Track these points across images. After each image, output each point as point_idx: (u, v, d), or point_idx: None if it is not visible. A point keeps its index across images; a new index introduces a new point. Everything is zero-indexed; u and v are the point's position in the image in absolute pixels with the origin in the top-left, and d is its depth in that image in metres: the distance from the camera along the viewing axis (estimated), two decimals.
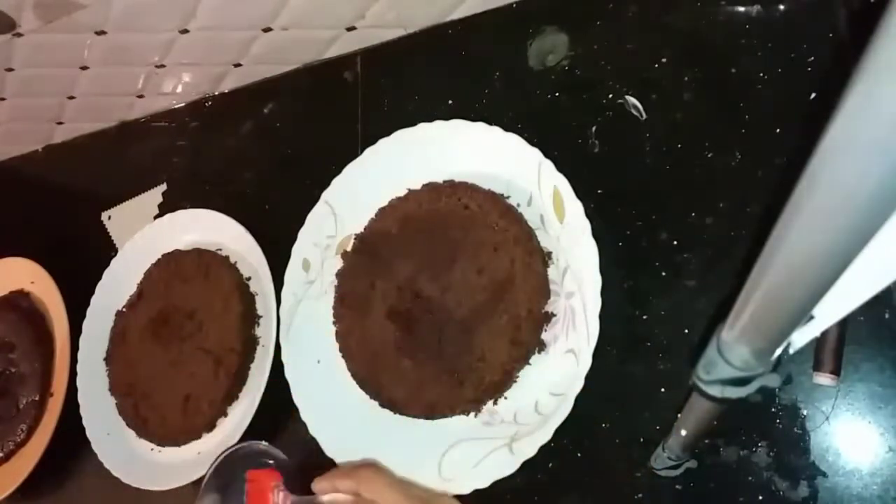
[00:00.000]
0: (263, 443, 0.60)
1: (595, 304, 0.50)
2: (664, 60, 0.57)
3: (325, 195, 0.65)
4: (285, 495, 0.54)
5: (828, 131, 0.22)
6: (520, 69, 0.63)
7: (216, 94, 0.82)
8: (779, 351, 0.35)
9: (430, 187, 0.61)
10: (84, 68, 0.78)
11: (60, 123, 0.89)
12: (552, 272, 0.56)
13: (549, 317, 0.55)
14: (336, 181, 0.64)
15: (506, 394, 0.55)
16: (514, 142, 0.57)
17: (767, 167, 0.51)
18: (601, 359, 0.50)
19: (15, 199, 0.94)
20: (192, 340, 0.69)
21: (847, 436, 0.45)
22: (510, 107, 0.63)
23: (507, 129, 0.57)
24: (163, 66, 0.77)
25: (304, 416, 0.60)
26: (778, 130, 0.51)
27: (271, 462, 0.61)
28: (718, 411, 0.41)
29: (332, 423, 0.60)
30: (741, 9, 0.54)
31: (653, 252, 0.54)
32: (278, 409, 0.62)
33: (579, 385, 0.50)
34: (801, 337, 0.36)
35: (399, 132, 0.62)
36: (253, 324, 0.68)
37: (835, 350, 0.45)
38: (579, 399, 0.50)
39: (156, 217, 0.80)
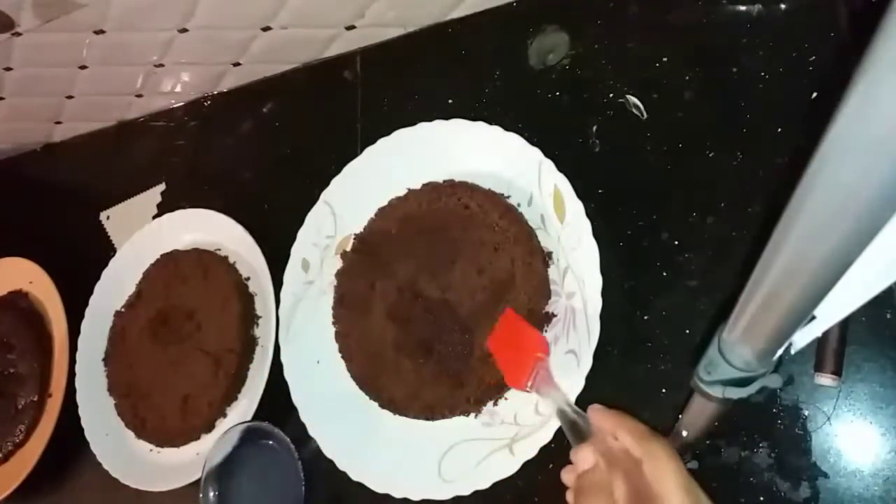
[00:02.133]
0: (266, 423, 0.60)
1: (596, 304, 0.50)
2: (665, 60, 0.57)
3: (325, 195, 0.64)
4: (545, 375, 0.47)
5: (829, 131, 0.22)
6: (520, 68, 0.63)
7: (215, 93, 0.82)
8: (780, 351, 0.35)
9: (430, 187, 0.60)
10: (83, 68, 0.78)
11: (59, 123, 0.89)
12: (553, 272, 0.55)
13: (549, 317, 0.54)
14: (336, 181, 0.64)
15: (506, 394, 0.55)
16: (515, 141, 0.56)
17: (769, 167, 0.51)
18: (602, 359, 0.50)
19: (13, 199, 0.94)
20: (191, 341, 0.69)
21: (848, 436, 0.45)
22: (510, 106, 0.62)
23: (507, 128, 0.57)
24: (161, 65, 0.77)
25: (303, 416, 0.60)
26: (779, 130, 0.51)
27: (271, 443, 0.61)
28: (720, 412, 0.40)
29: (331, 424, 0.60)
30: (742, 8, 0.54)
31: (654, 252, 0.53)
32: (277, 410, 0.62)
33: (580, 385, 0.50)
34: (803, 337, 0.36)
35: (399, 132, 0.62)
36: (252, 324, 0.68)
37: (836, 350, 0.45)
38: (580, 400, 0.50)
39: (154, 217, 0.79)
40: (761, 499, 0.46)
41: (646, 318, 0.53)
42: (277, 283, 0.65)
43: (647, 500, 0.38)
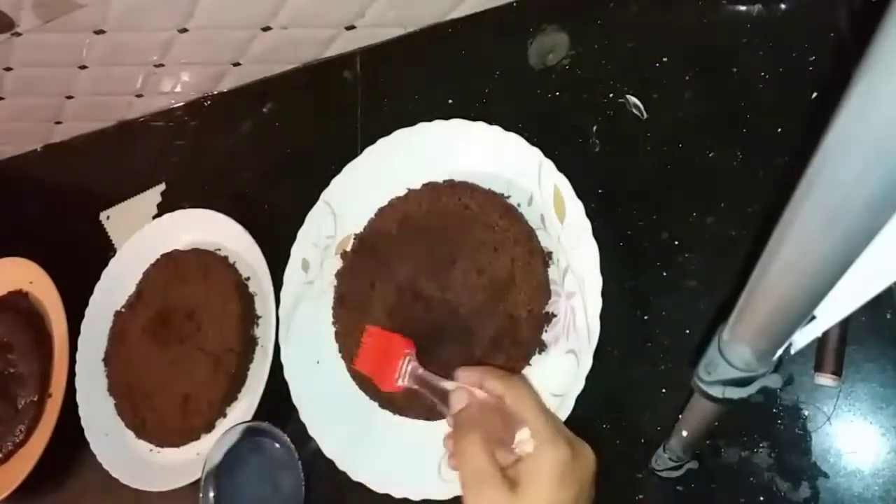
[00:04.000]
0: (266, 423, 0.61)
1: (596, 304, 0.50)
2: (665, 60, 0.57)
3: (325, 195, 0.64)
4: (415, 366, 0.52)
5: (828, 132, 0.22)
6: (520, 68, 0.63)
7: (215, 93, 0.82)
8: (780, 351, 0.34)
9: (430, 187, 0.60)
10: (83, 68, 0.78)
11: (59, 123, 0.89)
12: (553, 272, 0.55)
13: (549, 317, 0.54)
14: (335, 181, 0.64)
15: None
16: (515, 141, 0.56)
17: (768, 167, 0.51)
18: (602, 359, 0.50)
19: (13, 199, 0.94)
20: (191, 341, 0.69)
21: (848, 436, 0.45)
22: (510, 106, 0.62)
23: (507, 128, 0.57)
24: (161, 65, 0.77)
25: (303, 416, 0.60)
26: (779, 130, 0.51)
27: (271, 443, 0.61)
28: (719, 412, 0.40)
29: (331, 424, 0.60)
30: (742, 8, 0.54)
31: (654, 252, 0.53)
32: (277, 410, 0.62)
33: (580, 386, 0.50)
34: (803, 337, 0.36)
35: (399, 132, 0.62)
36: (252, 324, 0.68)
37: (836, 350, 0.45)
38: (580, 400, 0.50)
39: (154, 217, 0.79)
40: (761, 499, 0.46)
41: (646, 318, 0.53)
42: (277, 283, 0.65)
43: (512, 425, 0.44)
